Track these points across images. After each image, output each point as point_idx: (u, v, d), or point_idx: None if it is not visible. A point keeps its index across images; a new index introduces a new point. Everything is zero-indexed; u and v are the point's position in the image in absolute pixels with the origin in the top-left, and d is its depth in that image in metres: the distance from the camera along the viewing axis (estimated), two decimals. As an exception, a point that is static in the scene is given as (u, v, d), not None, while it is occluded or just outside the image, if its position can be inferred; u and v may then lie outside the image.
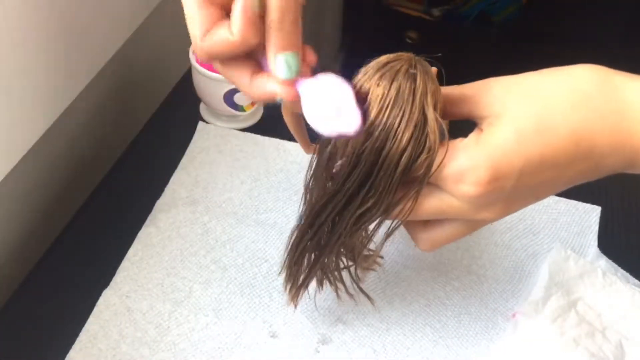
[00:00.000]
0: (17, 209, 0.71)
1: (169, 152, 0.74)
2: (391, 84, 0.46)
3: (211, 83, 0.73)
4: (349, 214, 0.49)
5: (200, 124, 0.76)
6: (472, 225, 0.50)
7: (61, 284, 0.63)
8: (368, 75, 0.47)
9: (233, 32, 0.43)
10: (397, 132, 0.46)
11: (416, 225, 0.52)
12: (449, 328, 0.61)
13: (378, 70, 0.47)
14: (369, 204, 0.48)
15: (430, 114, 0.46)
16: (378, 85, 0.47)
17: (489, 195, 0.45)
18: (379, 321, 0.61)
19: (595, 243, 0.68)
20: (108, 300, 0.60)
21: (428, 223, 0.51)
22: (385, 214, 0.49)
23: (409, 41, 1.50)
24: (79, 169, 0.79)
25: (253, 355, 0.58)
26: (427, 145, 0.46)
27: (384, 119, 0.46)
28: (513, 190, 0.46)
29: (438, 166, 0.47)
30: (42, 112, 0.66)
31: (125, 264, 0.63)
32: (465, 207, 0.47)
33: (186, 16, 0.45)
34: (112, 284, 0.62)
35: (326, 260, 0.54)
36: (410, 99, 0.46)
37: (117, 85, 0.82)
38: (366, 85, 0.47)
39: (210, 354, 0.58)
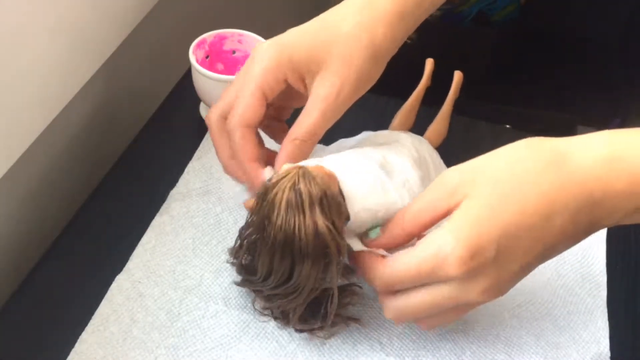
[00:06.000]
0: (26, 196, 0.72)
1: (168, 152, 0.75)
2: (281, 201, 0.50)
3: (211, 83, 0.72)
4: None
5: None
6: (458, 308, 0.50)
7: (74, 272, 0.64)
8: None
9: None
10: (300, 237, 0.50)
11: (382, 293, 0.52)
12: (456, 323, 0.62)
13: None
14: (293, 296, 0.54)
15: (320, 221, 0.50)
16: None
17: (473, 271, 0.46)
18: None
19: (604, 248, 0.68)
20: (121, 286, 0.62)
21: (397, 292, 0.51)
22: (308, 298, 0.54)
23: (408, 41, 1.50)
24: (78, 168, 0.79)
25: (261, 344, 0.59)
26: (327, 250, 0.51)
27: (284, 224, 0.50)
28: (496, 262, 0.46)
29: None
30: (41, 110, 0.67)
31: (138, 250, 0.64)
32: (455, 290, 0.47)
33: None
34: (125, 269, 0.63)
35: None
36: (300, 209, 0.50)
37: (116, 85, 0.83)
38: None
39: (218, 341, 0.59)
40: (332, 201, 0.50)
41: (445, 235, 0.46)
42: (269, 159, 0.57)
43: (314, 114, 0.54)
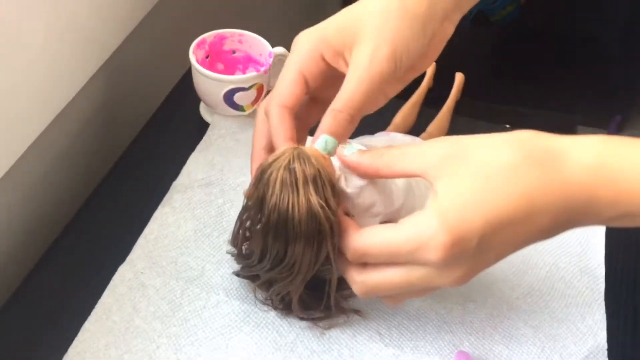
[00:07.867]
0: (26, 196, 0.72)
1: (168, 152, 0.75)
2: (276, 179, 0.51)
3: (211, 83, 0.73)
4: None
5: (216, 116, 0.78)
6: (424, 288, 0.50)
7: (77, 264, 0.64)
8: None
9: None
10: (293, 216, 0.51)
11: (351, 266, 0.51)
12: (454, 315, 0.62)
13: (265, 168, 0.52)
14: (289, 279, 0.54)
15: (313, 199, 0.50)
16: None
17: (454, 258, 0.46)
18: (386, 305, 0.62)
19: (603, 241, 0.69)
20: (123, 276, 0.62)
21: (367, 265, 0.51)
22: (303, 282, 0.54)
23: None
24: (78, 168, 0.79)
25: (261, 334, 0.59)
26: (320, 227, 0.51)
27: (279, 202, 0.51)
28: (477, 251, 0.46)
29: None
30: (41, 110, 0.68)
31: (141, 241, 0.65)
32: (432, 274, 0.47)
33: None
34: (127, 260, 0.64)
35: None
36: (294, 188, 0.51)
37: (116, 85, 0.83)
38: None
39: (219, 330, 0.59)
40: (326, 181, 0.51)
41: (431, 219, 0.46)
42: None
43: (349, 83, 0.52)
